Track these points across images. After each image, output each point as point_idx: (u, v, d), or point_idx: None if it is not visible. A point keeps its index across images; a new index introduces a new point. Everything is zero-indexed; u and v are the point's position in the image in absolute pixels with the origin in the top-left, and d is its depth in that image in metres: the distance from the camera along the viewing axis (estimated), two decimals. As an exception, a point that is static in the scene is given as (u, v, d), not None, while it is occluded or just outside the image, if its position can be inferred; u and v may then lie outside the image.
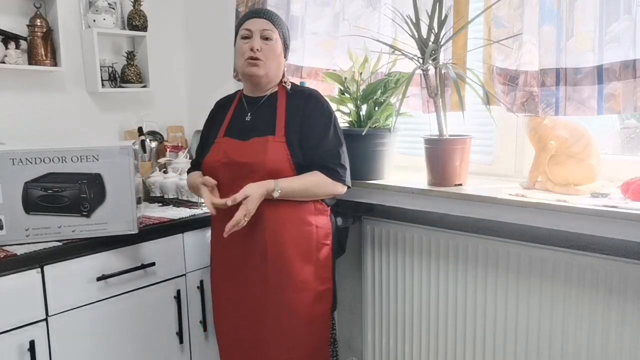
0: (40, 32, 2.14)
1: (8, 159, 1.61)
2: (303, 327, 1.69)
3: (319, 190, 1.68)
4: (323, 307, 1.73)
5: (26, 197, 1.64)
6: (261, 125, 1.69)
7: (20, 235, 1.65)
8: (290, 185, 1.62)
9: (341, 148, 1.71)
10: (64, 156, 1.65)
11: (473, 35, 1.81)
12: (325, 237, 1.74)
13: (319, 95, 1.75)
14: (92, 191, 1.68)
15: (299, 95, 1.73)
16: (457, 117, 1.82)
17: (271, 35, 1.68)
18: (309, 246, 1.69)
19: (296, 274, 1.66)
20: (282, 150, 1.64)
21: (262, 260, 1.66)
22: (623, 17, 1.48)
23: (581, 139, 1.63)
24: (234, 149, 1.68)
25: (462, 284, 1.85)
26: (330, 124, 1.70)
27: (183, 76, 2.79)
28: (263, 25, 1.68)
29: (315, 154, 1.67)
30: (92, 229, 1.71)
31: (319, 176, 1.66)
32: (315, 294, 1.70)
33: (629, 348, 1.53)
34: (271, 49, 1.68)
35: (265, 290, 1.67)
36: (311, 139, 1.67)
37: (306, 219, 1.69)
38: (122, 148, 1.70)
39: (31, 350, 1.57)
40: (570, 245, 1.58)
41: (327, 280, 1.74)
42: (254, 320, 1.71)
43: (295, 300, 1.67)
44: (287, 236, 1.66)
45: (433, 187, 1.81)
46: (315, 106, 1.71)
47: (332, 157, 1.68)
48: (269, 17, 1.70)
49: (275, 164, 1.62)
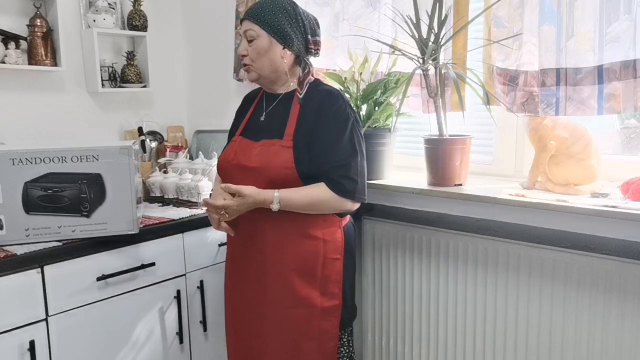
0: (40, 32, 2.14)
1: (8, 159, 1.60)
2: (308, 342, 1.60)
3: (323, 206, 1.54)
4: (330, 324, 1.62)
5: (26, 197, 1.63)
6: (272, 126, 1.60)
7: (20, 235, 1.65)
8: (291, 198, 1.50)
9: (354, 158, 1.54)
10: (64, 156, 1.65)
11: (473, 35, 1.81)
12: (334, 251, 1.60)
13: (338, 95, 1.59)
14: (92, 191, 1.68)
15: (315, 94, 1.59)
16: (457, 117, 1.82)
17: (253, 34, 1.57)
18: (314, 262, 1.58)
19: (297, 290, 1.57)
20: (286, 156, 1.52)
21: (262, 274, 1.60)
22: (623, 17, 1.48)
23: (581, 139, 1.63)
24: (243, 150, 1.60)
25: (462, 284, 1.85)
26: (345, 130, 1.54)
27: (183, 76, 2.79)
28: (245, 26, 1.58)
29: (322, 163, 1.52)
30: (92, 229, 1.70)
31: (324, 190, 1.52)
32: (320, 310, 1.59)
33: (628, 348, 1.53)
34: (255, 50, 1.57)
35: (265, 303, 1.61)
36: (321, 144, 1.53)
37: (311, 233, 1.57)
38: (122, 148, 1.69)
39: (31, 350, 1.57)
40: (570, 245, 1.58)
41: (335, 296, 1.62)
42: (255, 332, 1.65)
43: (296, 316, 1.58)
44: (288, 252, 1.57)
45: (433, 187, 1.81)
46: (331, 109, 1.55)
47: (339, 168, 1.52)
48: (250, 15, 1.58)
49: (276, 170, 1.52)
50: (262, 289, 1.61)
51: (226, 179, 1.64)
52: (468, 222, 1.78)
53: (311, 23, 1.62)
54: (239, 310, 1.70)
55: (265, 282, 1.61)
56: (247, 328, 1.68)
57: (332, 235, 1.61)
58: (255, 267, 1.63)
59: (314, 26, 1.62)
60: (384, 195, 1.97)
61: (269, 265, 1.59)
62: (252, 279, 1.64)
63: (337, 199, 1.53)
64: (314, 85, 1.62)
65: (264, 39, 1.56)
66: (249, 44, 1.58)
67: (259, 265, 1.61)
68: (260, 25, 1.56)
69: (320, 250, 1.58)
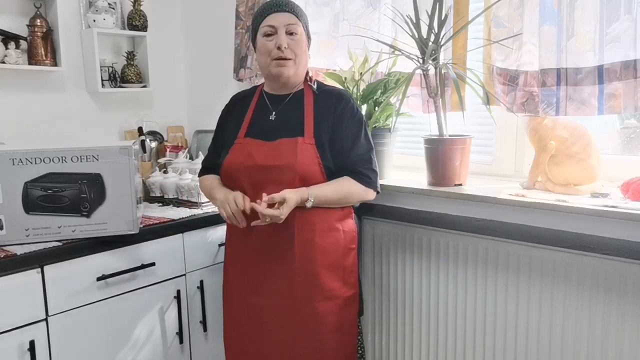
0: (40, 32, 2.14)
1: (8, 159, 1.61)
2: (332, 334, 1.63)
3: (352, 198, 1.63)
4: (351, 313, 1.67)
5: (26, 197, 1.63)
6: (288, 125, 1.60)
7: (20, 235, 1.65)
8: (324, 194, 1.55)
9: (372, 152, 1.64)
10: (64, 156, 1.65)
11: (473, 35, 1.81)
12: (351, 241, 1.66)
13: (350, 97, 1.67)
14: (92, 191, 1.68)
15: (328, 95, 1.64)
16: (457, 117, 1.82)
17: (296, 29, 1.55)
18: (337, 253, 1.62)
19: (324, 282, 1.60)
20: (312, 152, 1.55)
21: (290, 270, 1.59)
22: (623, 17, 1.48)
23: (581, 139, 1.63)
24: (259, 150, 1.58)
25: (462, 284, 1.84)
26: (362, 127, 1.63)
27: (183, 76, 2.79)
28: (287, 19, 1.54)
29: (347, 158, 1.59)
30: (92, 229, 1.71)
31: (352, 183, 1.59)
32: (342, 301, 1.64)
33: (628, 348, 1.53)
34: (298, 45, 1.56)
35: (293, 299, 1.60)
36: (343, 142, 1.59)
37: (334, 225, 1.62)
38: (122, 148, 1.69)
39: (31, 350, 1.57)
40: (570, 245, 1.58)
41: (354, 286, 1.68)
42: (279, 330, 1.63)
43: (324, 308, 1.61)
44: (317, 245, 1.59)
45: (433, 187, 1.81)
46: (346, 108, 1.62)
47: (365, 161, 1.61)
48: (292, 9, 1.57)
49: (305, 166, 1.54)
50: (290, 285, 1.59)
51: (237, 181, 1.61)
52: (468, 222, 1.78)
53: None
54: (254, 310, 1.66)
55: (293, 279, 1.59)
56: (268, 328, 1.64)
57: (348, 226, 1.67)
58: (281, 265, 1.60)
59: None
60: (384, 195, 1.96)
61: (298, 261, 1.58)
62: (278, 277, 1.61)
63: (364, 190, 1.61)
64: (320, 84, 1.67)
65: (305, 38, 1.61)
66: (290, 36, 1.56)
67: (287, 261, 1.59)
68: (300, 20, 1.59)
69: (342, 240, 1.63)
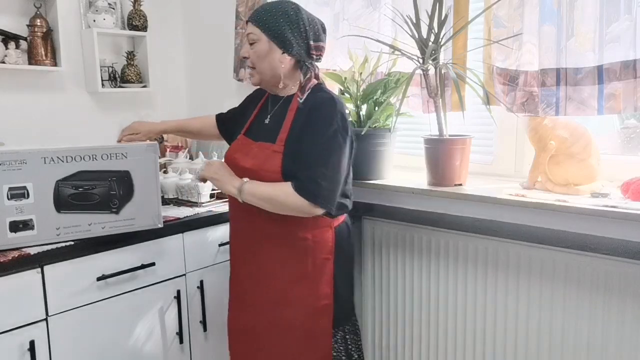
0: (40, 32, 2.14)
1: (40, 157, 1.60)
2: (300, 342, 1.64)
3: (283, 202, 1.51)
4: (323, 323, 1.65)
5: (57, 195, 1.63)
6: (270, 129, 1.62)
7: (51, 235, 1.64)
8: (256, 188, 1.54)
9: (325, 164, 1.49)
10: (95, 154, 1.67)
11: (473, 35, 1.81)
12: (324, 251, 1.62)
13: (332, 102, 1.54)
14: (121, 188, 1.71)
15: (312, 100, 1.57)
16: (457, 117, 1.82)
17: (254, 38, 1.57)
18: (304, 262, 1.61)
19: (288, 290, 1.62)
20: (277, 160, 1.54)
21: (256, 275, 1.67)
22: (623, 17, 1.48)
23: (581, 139, 1.63)
24: (242, 150, 1.65)
25: (462, 284, 1.85)
26: (325, 135, 1.50)
27: (183, 76, 2.79)
28: (249, 29, 1.58)
29: (297, 164, 1.52)
30: (121, 225, 1.72)
31: (287, 187, 1.50)
32: (313, 310, 1.62)
33: (628, 348, 1.53)
34: (255, 54, 1.58)
35: (259, 304, 1.67)
36: (300, 148, 1.52)
37: (299, 234, 1.59)
38: (149, 146, 1.75)
39: (31, 350, 1.57)
40: (570, 245, 1.58)
41: (326, 297, 1.64)
42: (252, 333, 1.70)
43: (288, 316, 1.63)
44: (276, 253, 1.62)
45: (433, 187, 1.81)
46: (319, 113, 1.53)
47: (306, 169, 1.49)
48: (253, 18, 1.58)
49: (267, 174, 1.54)
50: (257, 291, 1.67)
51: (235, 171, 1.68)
52: (468, 222, 1.78)
53: (315, 28, 1.59)
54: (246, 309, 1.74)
55: (258, 283, 1.67)
56: (247, 331, 1.72)
57: (321, 236, 1.62)
58: (257, 268, 1.67)
59: (318, 31, 1.60)
60: (384, 195, 1.97)
61: (261, 266, 1.65)
62: (255, 278, 1.68)
63: (297, 198, 1.49)
64: (314, 91, 1.60)
65: (264, 42, 1.56)
66: (250, 46, 1.59)
67: (260, 267, 1.66)
68: (261, 29, 1.56)
69: (310, 250, 1.61)
